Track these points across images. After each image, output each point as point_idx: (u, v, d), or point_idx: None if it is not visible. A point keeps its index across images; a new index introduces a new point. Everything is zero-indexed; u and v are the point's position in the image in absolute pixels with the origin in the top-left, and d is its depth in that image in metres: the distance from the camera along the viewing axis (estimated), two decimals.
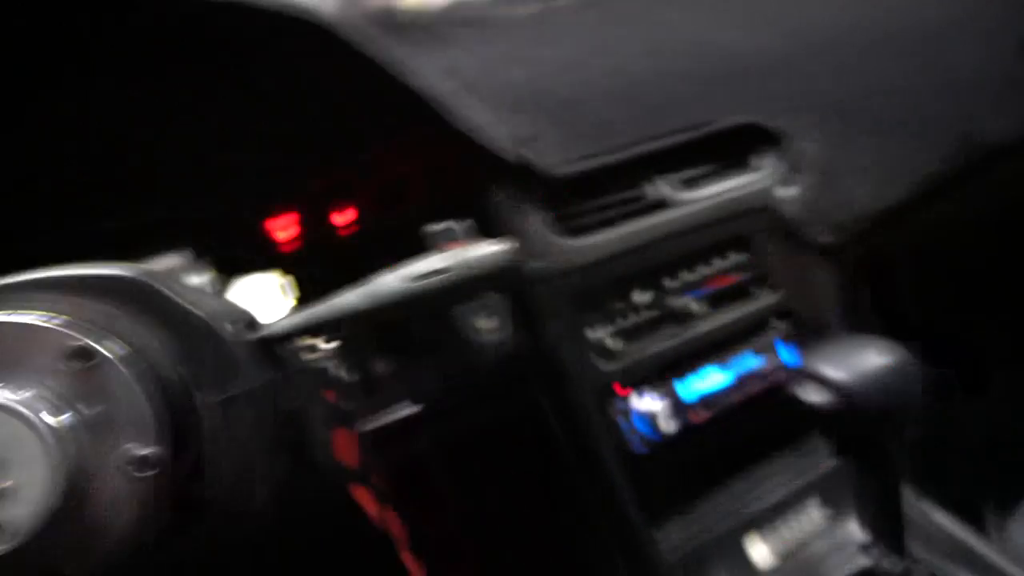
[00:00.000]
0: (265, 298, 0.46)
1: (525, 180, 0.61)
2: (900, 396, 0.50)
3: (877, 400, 0.50)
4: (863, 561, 0.58)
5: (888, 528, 0.54)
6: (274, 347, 0.37)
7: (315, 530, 0.60)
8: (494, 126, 0.59)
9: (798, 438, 0.67)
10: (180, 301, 0.34)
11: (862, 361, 0.51)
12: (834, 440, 0.53)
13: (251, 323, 0.36)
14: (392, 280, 0.36)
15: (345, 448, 0.52)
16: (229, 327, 0.35)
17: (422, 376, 0.56)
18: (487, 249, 0.37)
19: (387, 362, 0.55)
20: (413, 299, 0.36)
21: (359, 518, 0.53)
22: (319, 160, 0.62)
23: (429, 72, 0.57)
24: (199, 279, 0.42)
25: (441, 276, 0.36)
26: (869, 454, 0.53)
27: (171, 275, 0.37)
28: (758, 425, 0.65)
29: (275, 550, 0.57)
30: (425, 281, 0.36)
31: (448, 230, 0.56)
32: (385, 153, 0.62)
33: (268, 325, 0.37)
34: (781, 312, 0.69)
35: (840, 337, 0.56)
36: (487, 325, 0.54)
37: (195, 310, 0.35)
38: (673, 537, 0.60)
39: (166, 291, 0.34)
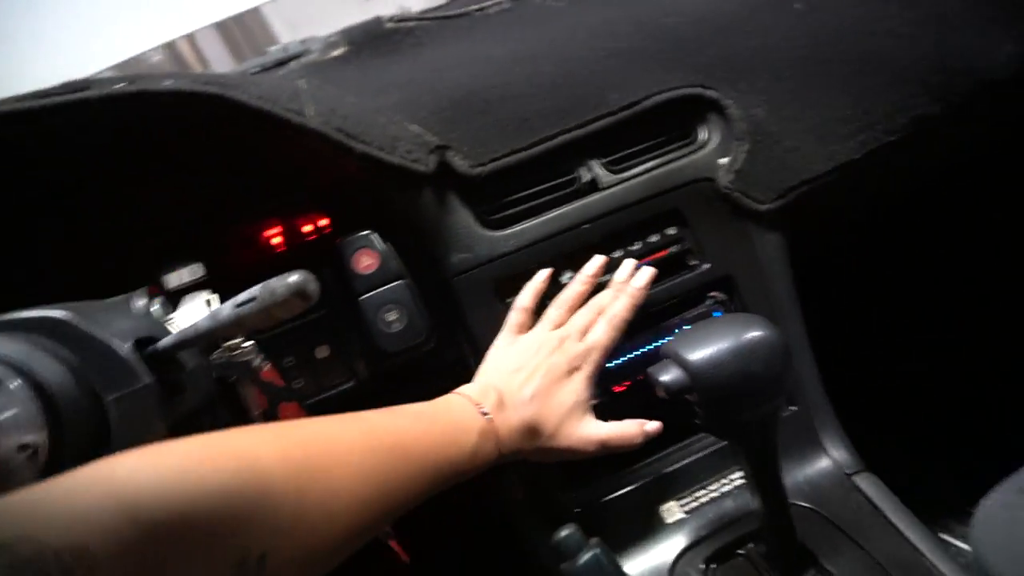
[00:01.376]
0: (194, 314, 0.60)
1: (447, 183, 0.69)
2: (746, 374, 0.52)
3: (719, 378, 0.52)
4: (751, 525, 0.62)
5: (765, 500, 0.57)
6: (162, 357, 0.50)
7: None
8: (407, 140, 0.67)
9: None
10: (86, 330, 0.48)
11: (716, 340, 0.54)
12: (698, 419, 0.56)
13: (143, 342, 0.50)
14: (227, 307, 0.48)
15: (293, 417, 0.65)
16: (126, 346, 0.49)
17: (355, 357, 0.67)
18: (287, 279, 0.46)
19: (325, 348, 0.67)
20: (237, 320, 0.47)
21: None
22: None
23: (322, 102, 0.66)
24: (142, 303, 0.57)
25: (252, 303, 0.47)
26: (728, 430, 0.56)
27: (94, 308, 0.51)
28: None
29: None
30: (243, 307, 0.47)
31: (360, 237, 0.67)
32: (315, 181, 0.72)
33: (156, 343, 0.50)
34: (719, 282, 0.71)
35: (717, 318, 0.58)
36: (392, 318, 0.64)
37: (98, 335, 0.49)
38: (586, 493, 0.67)
39: (78, 324, 0.48)
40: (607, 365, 0.67)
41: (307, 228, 0.75)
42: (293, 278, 0.46)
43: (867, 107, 0.73)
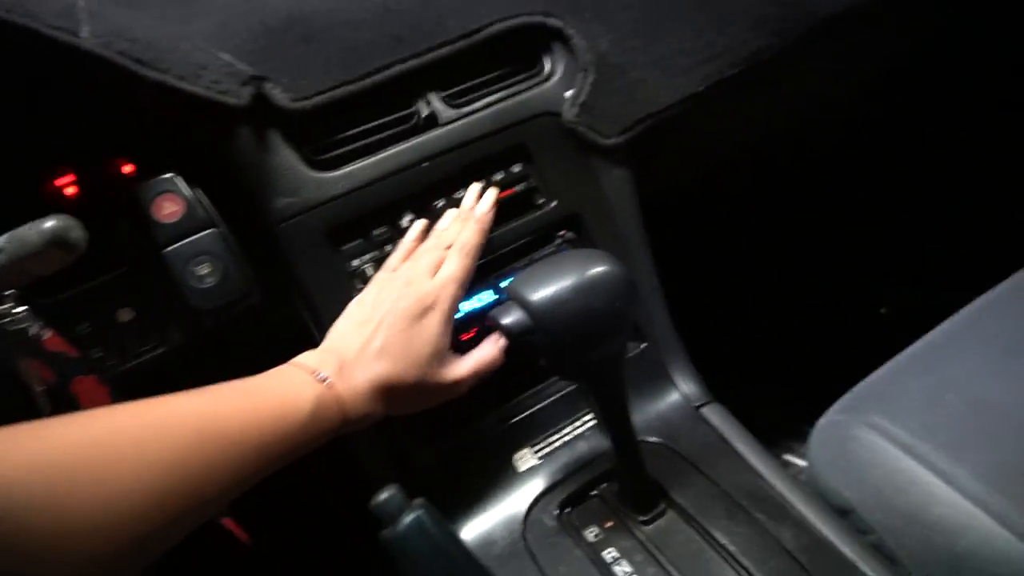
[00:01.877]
0: None
1: (265, 119, 0.61)
2: (589, 311, 0.50)
3: (562, 317, 0.50)
4: (605, 465, 0.61)
5: (615, 439, 0.56)
6: None
7: None
8: (215, 68, 0.58)
9: None
10: None
11: (557, 278, 0.51)
12: (541, 360, 0.53)
13: None
14: None
15: (92, 393, 0.57)
16: None
17: (165, 319, 0.59)
18: (41, 225, 0.38)
19: (128, 310, 0.59)
20: None
21: None
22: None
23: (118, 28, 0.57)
24: None
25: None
26: (573, 371, 0.54)
27: None
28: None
29: None
30: None
31: (160, 181, 0.59)
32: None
33: None
34: (568, 220, 0.69)
35: (558, 256, 0.55)
36: (203, 271, 0.57)
37: None
38: (439, 448, 0.63)
39: None
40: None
41: (107, 174, 0.65)
42: (49, 224, 0.38)
43: (709, 39, 0.72)
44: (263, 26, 0.64)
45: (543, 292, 0.50)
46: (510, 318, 0.51)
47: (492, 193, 0.65)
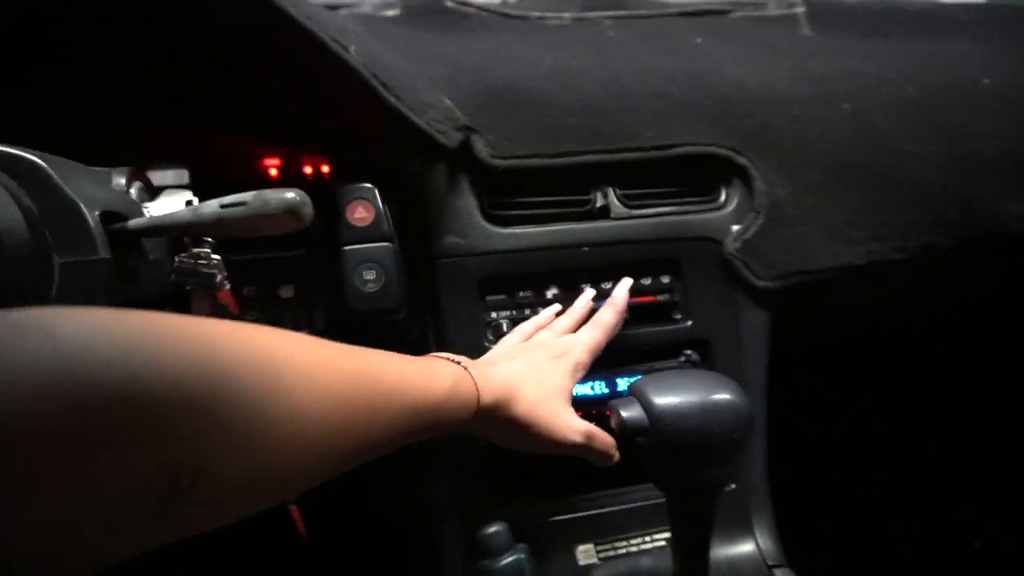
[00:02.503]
0: (172, 208, 0.57)
1: (463, 165, 0.67)
2: (706, 431, 0.51)
3: (679, 428, 0.51)
4: None
5: (685, 567, 0.55)
6: (128, 237, 0.47)
7: None
8: (439, 109, 0.65)
9: None
10: (58, 183, 0.45)
11: (684, 391, 0.53)
12: (645, 463, 0.54)
13: (112, 216, 0.47)
14: (211, 204, 0.45)
15: None
16: (95, 213, 0.46)
17: (316, 307, 0.65)
18: (284, 193, 0.44)
19: (290, 288, 0.64)
20: (220, 220, 0.45)
21: None
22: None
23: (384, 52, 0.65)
24: (122, 180, 0.54)
25: (240, 207, 0.44)
26: (670, 484, 0.55)
27: (73, 167, 0.48)
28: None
29: None
30: (229, 209, 0.44)
31: (361, 188, 0.65)
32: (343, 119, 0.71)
33: (125, 221, 0.47)
34: (696, 343, 0.70)
35: (691, 370, 0.57)
36: (369, 277, 0.62)
37: (70, 193, 0.46)
38: (511, 511, 0.64)
39: (51, 174, 0.45)
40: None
41: (307, 168, 0.73)
42: (290, 194, 0.44)
43: (883, 220, 0.74)
44: (485, 87, 0.71)
45: (667, 399, 0.52)
46: (628, 412, 0.53)
47: (627, 281, 0.69)
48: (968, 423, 1.20)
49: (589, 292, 0.69)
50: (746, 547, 0.66)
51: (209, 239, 0.56)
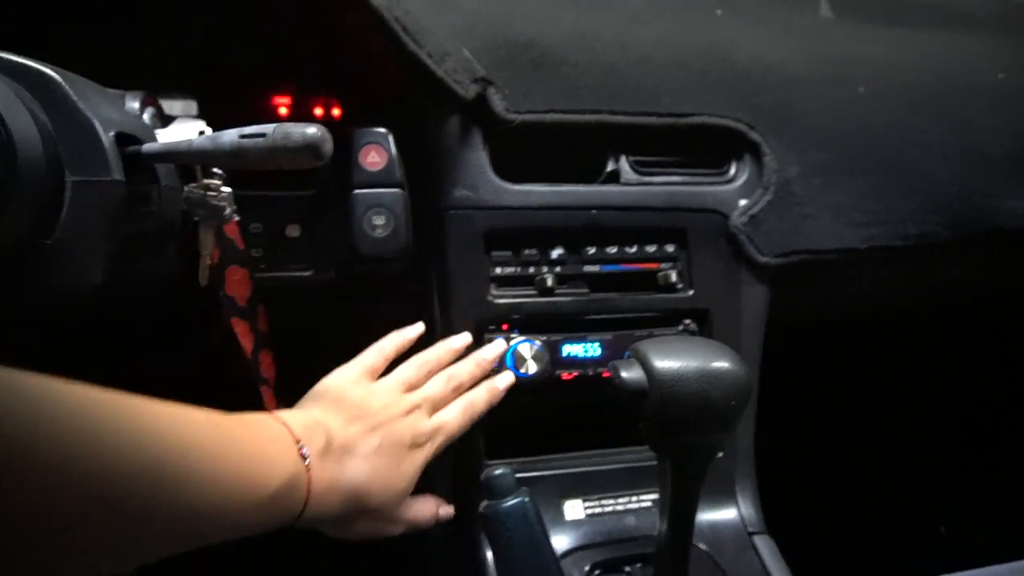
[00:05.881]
0: (186, 135, 0.56)
1: (477, 117, 0.67)
2: (704, 397, 0.52)
3: (678, 392, 0.52)
4: (646, 548, 0.62)
5: (672, 528, 0.57)
6: (141, 161, 0.47)
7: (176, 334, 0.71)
8: (457, 59, 0.64)
9: None
10: (75, 100, 0.44)
11: (686, 356, 0.53)
12: (641, 425, 0.55)
13: (126, 138, 0.46)
14: (231, 134, 0.45)
15: (238, 285, 0.62)
16: (110, 134, 0.46)
17: (322, 249, 0.64)
18: (306, 128, 0.44)
19: (297, 228, 0.64)
20: (238, 151, 0.44)
21: (232, 351, 0.63)
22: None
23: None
24: (135, 104, 0.53)
25: (260, 138, 0.44)
26: (665, 447, 0.56)
27: (89, 86, 0.47)
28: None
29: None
30: (249, 140, 0.44)
31: (375, 133, 0.64)
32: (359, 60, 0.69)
33: (140, 145, 0.47)
34: (695, 312, 0.71)
35: (694, 338, 0.57)
36: (379, 222, 0.62)
37: (86, 112, 0.45)
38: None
39: (68, 91, 0.45)
40: (561, 353, 0.66)
41: (318, 111, 0.72)
42: (312, 130, 0.43)
43: (888, 206, 0.75)
44: (505, 39, 0.70)
45: (669, 363, 0.52)
46: (628, 373, 0.54)
47: (509, 378, 0.63)
48: (948, 410, 1.23)
49: (499, 343, 0.64)
50: (729, 513, 0.68)
51: (219, 171, 0.56)
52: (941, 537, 1.18)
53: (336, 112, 0.72)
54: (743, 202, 0.72)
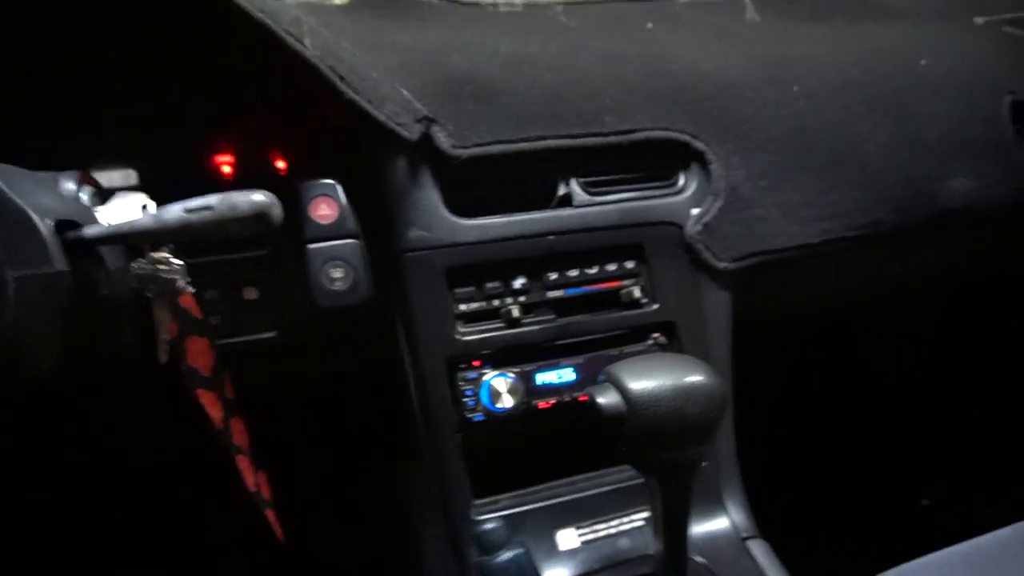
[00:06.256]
0: (127, 212, 0.54)
1: (424, 156, 0.67)
2: (681, 414, 0.52)
3: (656, 412, 0.52)
4: (644, 569, 0.61)
5: (668, 546, 0.56)
6: (84, 247, 0.45)
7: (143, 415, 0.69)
8: (397, 101, 0.64)
9: None
10: (7, 192, 0.43)
11: (659, 375, 0.54)
12: (623, 447, 0.55)
13: (69, 224, 0.45)
14: (175, 208, 0.44)
15: (200, 355, 0.60)
16: (48, 222, 0.44)
17: (281, 309, 0.63)
18: (252, 196, 0.43)
19: (254, 290, 0.63)
20: (185, 226, 0.43)
21: (199, 421, 0.61)
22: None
23: (341, 45, 0.63)
24: (71, 186, 0.51)
25: (206, 211, 0.43)
26: (649, 466, 0.56)
27: (19, 173, 0.46)
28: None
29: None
30: (195, 214, 0.43)
31: (323, 185, 0.64)
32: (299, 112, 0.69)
33: (81, 229, 0.45)
34: (662, 326, 0.72)
35: (664, 354, 0.58)
36: (337, 275, 0.61)
37: (19, 203, 0.43)
38: (490, 505, 0.65)
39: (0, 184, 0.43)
40: (536, 382, 0.66)
41: (262, 165, 0.71)
42: (259, 197, 0.43)
43: (834, 199, 0.77)
44: (442, 76, 0.70)
45: (643, 384, 0.52)
46: (605, 399, 0.54)
47: None
48: (929, 394, 1.26)
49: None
50: (721, 522, 0.68)
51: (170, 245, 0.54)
52: (924, 510, 1.21)
53: (281, 165, 0.71)
54: (695, 211, 0.73)
